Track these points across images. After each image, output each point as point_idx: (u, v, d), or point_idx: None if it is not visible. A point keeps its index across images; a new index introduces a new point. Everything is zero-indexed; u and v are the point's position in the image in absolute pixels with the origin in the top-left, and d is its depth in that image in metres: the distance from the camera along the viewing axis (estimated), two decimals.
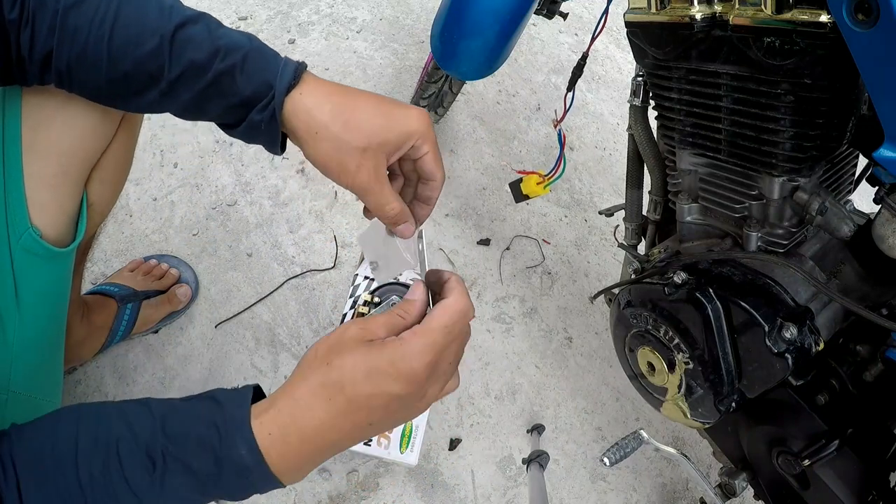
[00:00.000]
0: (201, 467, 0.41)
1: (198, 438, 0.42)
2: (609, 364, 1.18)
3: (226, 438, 0.41)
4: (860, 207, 0.67)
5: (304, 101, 0.48)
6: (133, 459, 0.41)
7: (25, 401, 0.60)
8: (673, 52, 0.60)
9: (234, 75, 0.48)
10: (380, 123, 0.48)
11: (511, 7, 0.85)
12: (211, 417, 0.42)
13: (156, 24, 0.47)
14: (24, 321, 0.58)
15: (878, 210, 0.54)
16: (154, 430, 0.42)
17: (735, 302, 0.62)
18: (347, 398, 0.42)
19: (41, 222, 0.58)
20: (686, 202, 0.72)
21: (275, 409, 0.42)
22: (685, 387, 0.69)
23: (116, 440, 0.42)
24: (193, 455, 0.41)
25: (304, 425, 0.42)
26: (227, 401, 0.43)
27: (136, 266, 1.03)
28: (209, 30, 0.48)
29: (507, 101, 1.52)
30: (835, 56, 0.48)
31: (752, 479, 0.74)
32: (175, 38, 0.47)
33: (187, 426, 0.42)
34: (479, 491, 1.00)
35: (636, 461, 1.09)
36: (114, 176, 0.68)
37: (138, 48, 0.47)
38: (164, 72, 0.48)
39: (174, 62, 0.47)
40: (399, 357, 0.42)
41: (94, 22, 0.46)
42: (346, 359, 0.42)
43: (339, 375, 0.42)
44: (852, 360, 0.61)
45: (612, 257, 1.34)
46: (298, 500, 0.94)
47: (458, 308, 0.45)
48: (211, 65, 0.47)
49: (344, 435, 0.43)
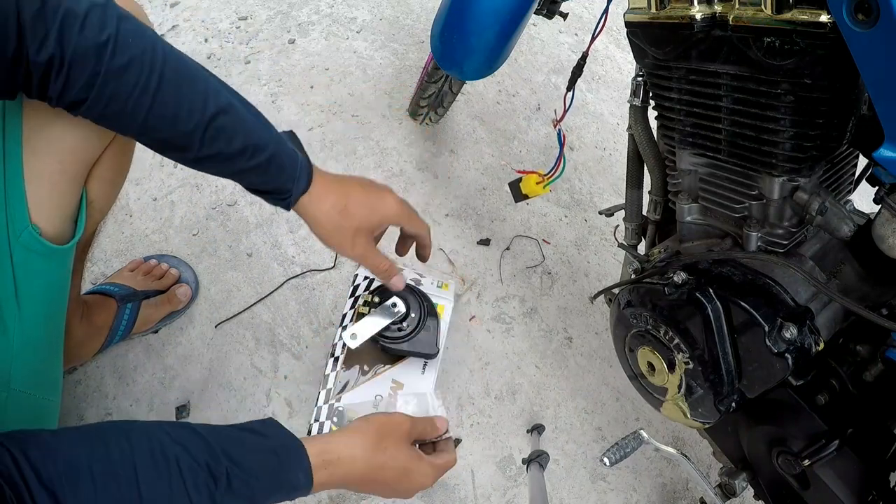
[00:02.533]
0: (262, 489, 0.50)
1: (260, 462, 0.50)
2: (609, 364, 1.18)
3: (285, 463, 0.52)
4: (860, 207, 0.67)
5: (312, 202, 0.62)
6: (196, 477, 0.45)
7: (25, 398, 0.60)
8: (673, 52, 0.60)
9: (257, 173, 0.58)
10: (365, 213, 0.64)
11: (511, 7, 0.86)
12: (265, 445, 0.52)
13: (191, 111, 0.52)
14: (23, 318, 0.58)
15: (878, 210, 0.54)
16: (212, 451, 0.48)
17: (735, 302, 0.62)
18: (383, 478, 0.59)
19: (41, 220, 0.58)
20: (686, 202, 0.72)
21: (329, 454, 0.56)
22: (685, 387, 0.69)
23: (176, 458, 0.45)
24: (258, 477, 0.49)
25: (347, 472, 0.56)
26: (274, 434, 0.54)
27: (136, 266, 1.03)
28: (241, 122, 0.56)
29: (507, 101, 1.52)
30: (835, 56, 0.48)
31: (752, 479, 0.74)
32: (208, 128, 0.53)
33: (246, 449, 0.51)
34: (479, 491, 1.00)
35: (636, 461, 1.09)
36: (113, 174, 0.68)
37: (172, 128, 0.52)
38: (192, 150, 0.54)
39: (204, 147, 0.54)
40: (420, 474, 0.62)
41: (133, 96, 0.49)
42: (392, 451, 0.60)
43: (386, 460, 0.59)
44: (852, 360, 0.61)
45: (612, 257, 1.34)
46: (298, 500, 0.94)
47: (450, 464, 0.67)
48: (238, 159, 0.56)
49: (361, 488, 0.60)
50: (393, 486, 0.60)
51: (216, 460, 0.47)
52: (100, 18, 0.47)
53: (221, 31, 1.42)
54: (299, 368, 1.03)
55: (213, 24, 1.43)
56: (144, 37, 0.50)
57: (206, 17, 1.44)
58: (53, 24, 0.44)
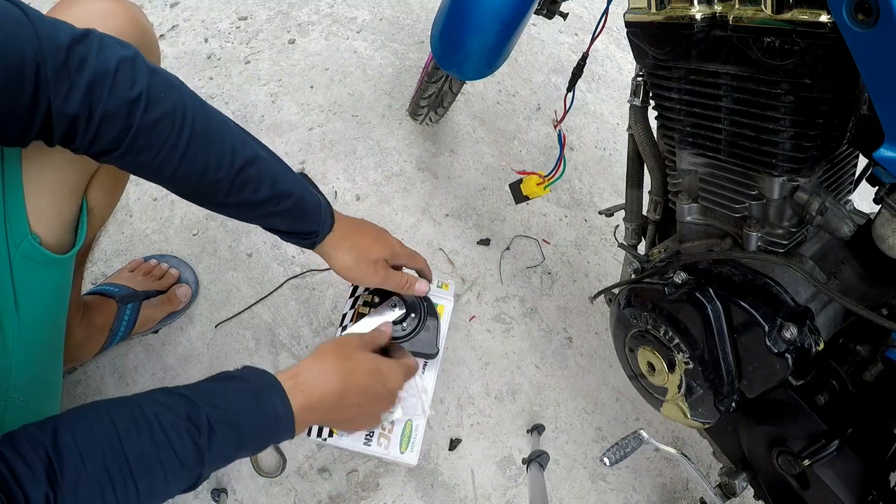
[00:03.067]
0: (246, 423, 0.51)
1: (237, 400, 0.51)
2: (609, 364, 1.18)
3: (262, 396, 0.53)
4: (860, 207, 0.67)
5: (335, 241, 0.68)
6: (178, 428, 0.46)
7: (23, 407, 0.60)
8: (673, 52, 0.60)
9: (283, 218, 0.62)
10: (380, 248, 0.72)
11: (511, 7, 0.85)
12: (242, 385, 0.53)
13: (219, 164, 0.54)
14: (23, 327, 0.58)
15: (878, 210, 0.54)
16: (191, 402, 0.48)
17: (735, 302, 0.62)
18: (355, 383, 0.60)
19: (40, 229, 0.58)
20: (686, 202, 0.71)
21: (301, 376, 0.57)
22: (685, 387, 0.69)
23: (156, 415, 0.46)
24: (238, 413, 0.50)
25: (324, 389, 0.57)
26: (250, 374, 0.55)
27: (136, 266, 1.03)
28: (267, 171, 0.59)
29: (507, 101, 1.52)
30: (835, 56, 0.48)
31: (752, 479, 0.74)
32: (236, 179, 0.56)
33: (224, 393, 0.51)
34: (479, 491, 1.00)
35: (636, 461, 1.09)
36: (113, 182, 0.68)
37: (199, 180, 0.54)
38: (220, 197, 0.57)
39: (232, 195, 0.57)
40: (390, 371, 0.65)
41: (163, 151, 0.51)
42: (357, 356, 0.63)
43: (354, 364, 0.61)
44: (852, 360, 0.61)
45: (612, 257, 1.34)
46: (298, 500, 0.94)
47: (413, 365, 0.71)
48: (265, 206, 0.60)
49: (341, 405, 0.60)
50: (370, 390, 0.62)
51: (195, 409, 0.48)
52: (130, 73, 0.47)
53: (221, 31, 1.42)
54: None
55: (213, 24, 1.43)
56: (174, 89, 0.51)
57: (206, 17, 1.44)
58: (79, 79, 0.44)
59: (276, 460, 0.97)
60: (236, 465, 0.95)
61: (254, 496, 0.94)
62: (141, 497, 0.44)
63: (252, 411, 0.52)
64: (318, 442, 0.91)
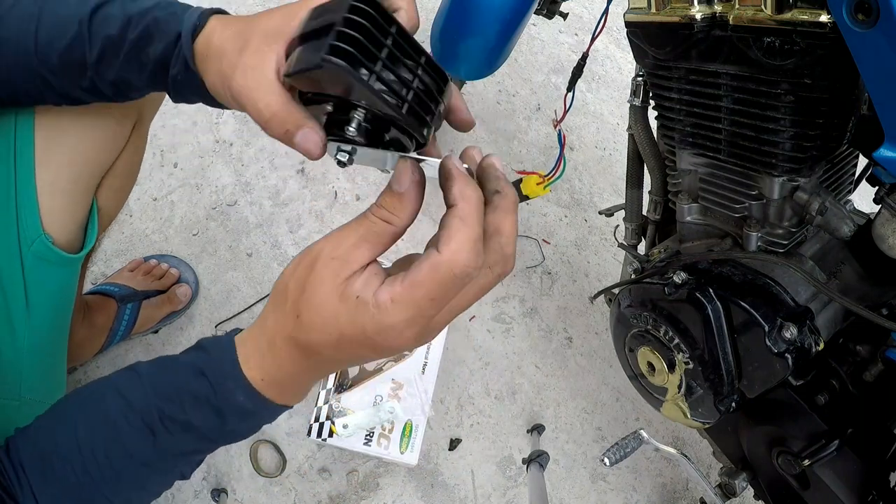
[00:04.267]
0: (202, 422, 0.40)
1: (191, 394, 0.40)
2: (609, 364, 1.18)
3: (219, 389, 0.40)
4: (860, 207, 0.67)
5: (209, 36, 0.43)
6: (132, 432, 0.41)
7: (37, 406, 0.60)
8: (673, 52, 0.60)
9: (147, 39, 0.46)
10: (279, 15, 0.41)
11: (511, 7, 0.85)
12: (200, 367, 0.41)
13: (75, 12, 0.47)
14: (33, 326, 0.59)
15: (878, 210, 0.54)
16: (146, 394, 0.41)
17: (735, 302, 0.62)
18: (326, 358, 0.38)
19: (53, 229, 0.58)
20: (686, 202, 0.71)
21: (259, 356, 0.40)
22: (685, 387, 0.69)
23: (114, 419, 0.41)
24: (191, 411, 0.40)
25: (290, 371, 0.40)
26: (212, 347, 0.42)
27: (136, 266, 1.03)
28: (122, 3, 0.47)
29: (507, 101, 1.52)
30: (835, 56, 0.48)
31: (752, 479, 0.74)
32: (92, 21, 0.47)
33: (178, 383, 0.41)
34: (479, 491, 1.00)
35: (636, 461, 1.09)
36: (123, 182, 0.69)
37: (61, 39, 0.47)
38: (86, 56, 0.47)
39: (93, 44, 0.47)
40: (373, 330, 0.34)
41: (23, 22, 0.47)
42: (317, 316, 0.35)
43: (314, 338, 0.36)
44: (852, 360, 0.61)
45: (612, 257, 1.34)
46: (298, 500, 0.94)
47: (454, 268, 0.32)
48: (125, 36, 0.47)
49: (331, 371, 0.43)
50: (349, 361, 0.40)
51: (148, 405, 0.41)
52: None
53: None
54: None
55: None
56: None
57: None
58: None
59: (277, 460, 0.97)
60: (236, 465, 0.95)
61: (254, 496, 0.94)
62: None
63: (207, 410, 0.40)
64: (318, 442, 0.91)
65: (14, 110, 0.55)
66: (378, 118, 0.34)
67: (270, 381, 0.40)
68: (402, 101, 0.33)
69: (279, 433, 0.98)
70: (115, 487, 0.42)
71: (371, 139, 0.35)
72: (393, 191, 0.35)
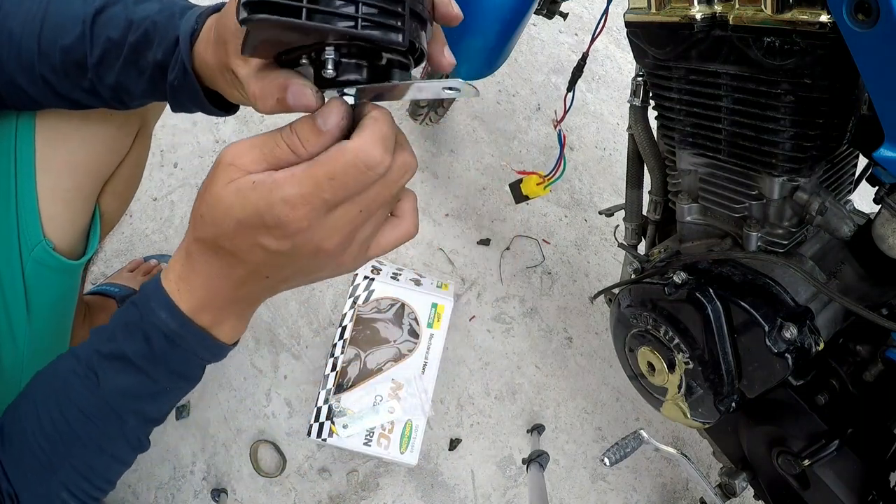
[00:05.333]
0: (134, 350, 0.39)
1: (123, 323, 0.40)
2: (609, 364, 1.18)
3: (144, 311, 0.39)
4: (860, 207, 0.67)
5: (204, 41, 0.43)
6: (78, 382, 0.41)
7: None
8: (673, 52, 0.60)
9: (146, 44, 0.46)
10: None
11: (511, 7, 0.85)
12: (133, 300, 0.41)
13: (79, 12, 0.47)
14: (34, 332, 0.59)
15: (878, 210, 0.54)
16: (90, 343, 0.41)
17: (735, 302, 0.62)
18: (229, 252, 0.36)
19: (54, 235, 0.58)
20: (686, 202, 0.71)
21: (178, 267, 0.39)
22: (685, 387, 0.69)
23: (64, 376, 0.42)
24: (122, 340, 0.40)
25: (206, 278, 0.38)
26: (147, 282, 0.41)
27: (136, 266, 1.03)
28: (126, 6, 0.47)
29: (507, 101, 1.52)
30: (835, 56, 0.48)
31: (752, 479, 0.74)
32: (95, 22, 0.47)
33: (114, 320, 0.41)
34: (479, 491, 1.00)
35: (636, 461, 1.09)
36: (126, 188, 0.69)
37: (64, 38, 0.47)
38: (87, 58, 0.47)
39: (95, 45, 0.47)
40: (265, 207, 0.32)
41: (27, 22, 0.47)
42: (214, 210, 0.35)
43: (212, 231, 0.35)
44: (852, 360, 0.61)
45: (612, 257, 1.34)
46: (298, 500, 0.94)
47: (360, 156, 0.31)
48: (125, 39, 0.46)
49: (251, 285, 0.38)
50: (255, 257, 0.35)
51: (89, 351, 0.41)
52: None
53: None
54: (299, 368, 1.03)
55: None
56: None
57: None
58: None
59: (277, 460, 0.97)
60: (236, 465, 0.95)
61: (254, 496, 0.94)
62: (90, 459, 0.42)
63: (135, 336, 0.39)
64: (318, 442, 0.91)
65: (15, 115, 0.55)
66: (348, 49, 0.32)
67: (187, 290, 0.38)
68: (354, 20, 0.29)
69: (279, 433, 0.98)
70: (73, 449, 0.42)
71: (365, 73, 0.33)
72: (315, 124, 0.33)
